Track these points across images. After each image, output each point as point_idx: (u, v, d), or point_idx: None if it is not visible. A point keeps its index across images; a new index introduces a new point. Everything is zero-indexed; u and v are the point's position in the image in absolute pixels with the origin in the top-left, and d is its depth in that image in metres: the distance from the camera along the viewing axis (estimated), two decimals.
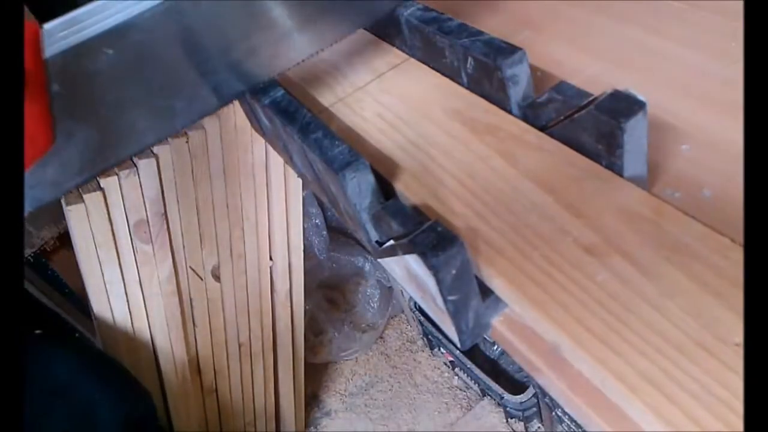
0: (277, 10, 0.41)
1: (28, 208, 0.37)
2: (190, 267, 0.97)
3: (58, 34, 0.34)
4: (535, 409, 1.12)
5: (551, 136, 0.38)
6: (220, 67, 0.41)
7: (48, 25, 0.33)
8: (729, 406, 0.25)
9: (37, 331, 0.79)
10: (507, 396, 1.10)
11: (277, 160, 0.96)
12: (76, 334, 0.87)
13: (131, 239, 0.93)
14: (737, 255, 0.29)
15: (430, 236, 0.31)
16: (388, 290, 1.38)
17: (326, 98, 0.48)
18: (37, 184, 0.36)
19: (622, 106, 0.32)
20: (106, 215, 0.91)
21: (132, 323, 0.97)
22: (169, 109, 0.40)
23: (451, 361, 1.29)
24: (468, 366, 1.19)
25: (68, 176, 0.38)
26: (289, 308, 1.11)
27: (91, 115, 0.37)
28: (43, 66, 0.33)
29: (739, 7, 0.44)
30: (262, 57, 0.43)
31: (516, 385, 1.18)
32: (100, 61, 0.35)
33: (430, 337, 1.30)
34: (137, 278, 0.95)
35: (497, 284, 0.33)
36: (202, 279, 0.99)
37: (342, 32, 0.46)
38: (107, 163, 0.40)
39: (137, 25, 0.35)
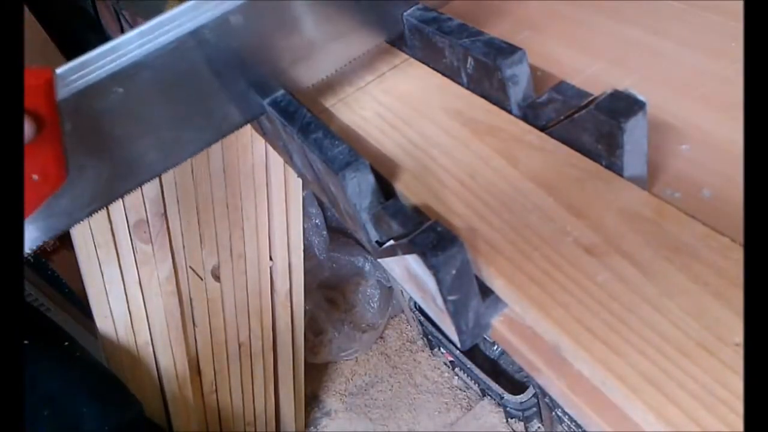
0: (288, 39, 0.42)
1: (43, 237, 0.39)
2: (190, 267, 0.97)
3: (71, 77, 0.35)
4: (535, 409, 1.12)
5: (551, 136, 0.38)
6: (231, 96, 0.42)
7: (60, 69, 0.35)
8: (729, 406, 0.25)
9: (25, 342, 0.80)
10: (507, 396, 1.10)
11: (277, 160, 0.96)
12: (66, 343, 0.86)
13: (131, 239, 0.93)
14: (737, 255, 0.29)
15: (430, 236, 0.31)
16: (388, 290, 1.38)
17: (326, 98, 0.48)
18: (51, 215, 0.38)
19: (622, 106, 0.32)
20: (106, 215, 0.91)
21: (132, 323, 0.97)
22: (179, 139, 0.42)
23: (451, 361, 1.29)
24: (468, 366, 1.19)
25: (80, 207, 0.40)
26: (289, 308, 1.11)
27: (102, 149, 0.38)
28: (57, 108, 0.35)
29: (739, 7, 0.44)
30: (276, 82, 0.43)
31: (516, 385, 1.18)
32: (111, 100, 0.37)
33: (430, 337, 1.30)
34: (137, 278, 0.95)
35: (497, 284, 0.33)
36: (202, 279, 0.99)
37: (363, 48, 0.47)
38: (117, 193, 0.41)
39: (147, 64, 0.37)
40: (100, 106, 0.37)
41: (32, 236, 0.39)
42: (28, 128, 0.32)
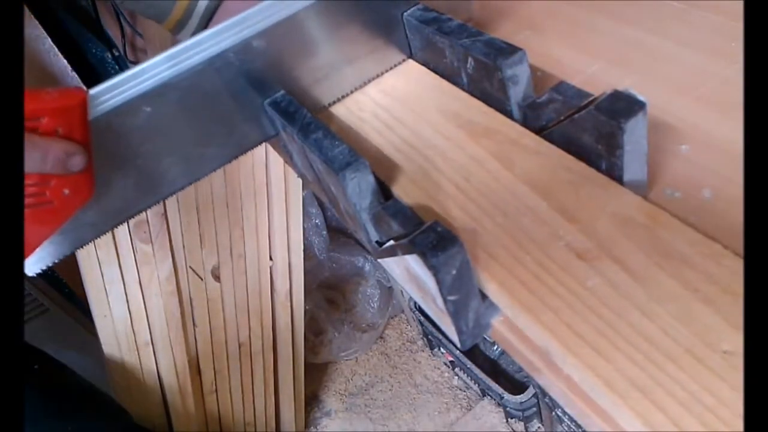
0: (306, 61, 0.44)
1: (71, 248, 0.41)
2: (190, 267, 0.97)
3: (102, 97, 0.37)
4: (535, 409, 1.12)
5: (551, 136, 0.38)
6: (252, 115, 0.44)
7: (93, 90, 0.37)
8: (716, 414, 0.25)
9: None
10: (507, 396, 1.10)
11: (277, 159, 0.96)
12: (35, 366, 0.86)
13: (131, 239, 0.93)
14: (729, 262, 0.29)
15: (430, 236, 0.31)
16: (388, 290, 1.38)
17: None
18: (78, 227, 0.40)
19: (622, 106, 0.32)
20: None
21: (132, 323, 0.97)
22: (201, 156, 0.44)
23: (451, 361, 1.29)
24: (468, 366, 1.19)
25: (105, 219, 0.41)
26: (289, 308, 1.11)
27: (129, 165, 0.40)
28: (89, 128, 0.36)
29: (739, 7, 0.44)
30: (299, 99, 0.45)
31: (516, 385, 1.18)
32: (140, 118, 0.39)
33: (430, 337, 1.30)
34: (137, 278, 0.95)
35: (489, 288, 0.33)
36: (202, 279, 0.99)
37: (378, 70, 0.48)
38: (141, 207, 0.43)
39: (174, 85, 0.39)
40: (130, 124, 0.39)
41: (61, 247, 0.41)
42: (81, 159, 0.35)
